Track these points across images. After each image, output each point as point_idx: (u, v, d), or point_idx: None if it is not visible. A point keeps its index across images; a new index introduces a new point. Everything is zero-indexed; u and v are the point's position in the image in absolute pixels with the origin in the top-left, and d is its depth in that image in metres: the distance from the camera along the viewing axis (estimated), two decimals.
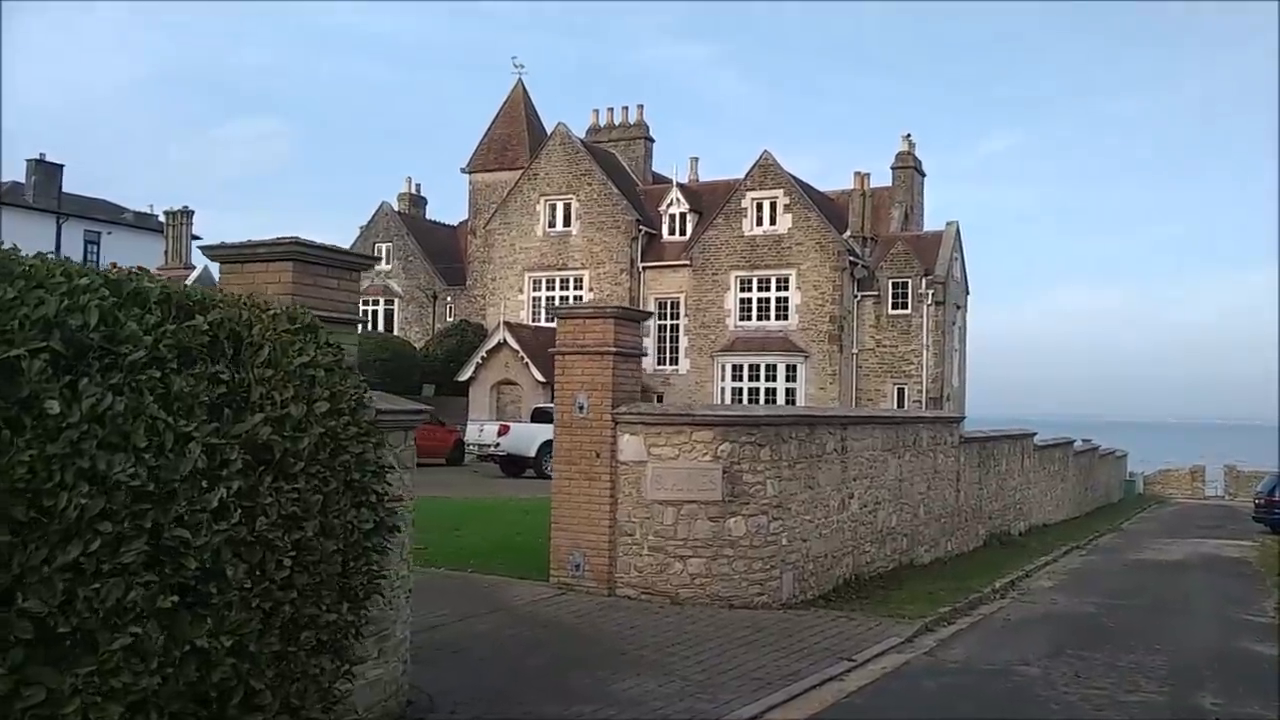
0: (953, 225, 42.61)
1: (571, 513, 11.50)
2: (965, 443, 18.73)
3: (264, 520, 4.36)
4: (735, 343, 41.37)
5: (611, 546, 11.33)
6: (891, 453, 14.95)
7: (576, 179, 43.71)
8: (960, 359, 43.93)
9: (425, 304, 48.49)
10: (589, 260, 43.22)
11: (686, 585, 11.17)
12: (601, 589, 11.29)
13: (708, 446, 11.20)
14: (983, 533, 19.65)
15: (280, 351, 4.66)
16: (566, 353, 11.57)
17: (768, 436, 11.47)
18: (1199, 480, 57.24)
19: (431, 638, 8.96)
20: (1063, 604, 13.73)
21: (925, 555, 16.28)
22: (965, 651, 10.17)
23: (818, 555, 12.47)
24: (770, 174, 41.53)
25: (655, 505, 11.23)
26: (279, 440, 4.44)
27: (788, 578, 11.71)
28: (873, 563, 14.24)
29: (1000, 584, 14.67)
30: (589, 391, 11.40)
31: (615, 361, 11.32)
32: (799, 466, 12.03)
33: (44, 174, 52.08)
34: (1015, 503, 22.59)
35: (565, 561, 11.52)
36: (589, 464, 11.40)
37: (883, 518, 14.62)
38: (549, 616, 10.17)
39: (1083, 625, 12.14)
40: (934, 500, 16.77)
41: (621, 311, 11.61)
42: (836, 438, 13.12)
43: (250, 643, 4.32)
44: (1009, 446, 22.22)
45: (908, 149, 45.09)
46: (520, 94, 50.51)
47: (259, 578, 4.33)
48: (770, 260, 41.01)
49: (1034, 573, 16.70)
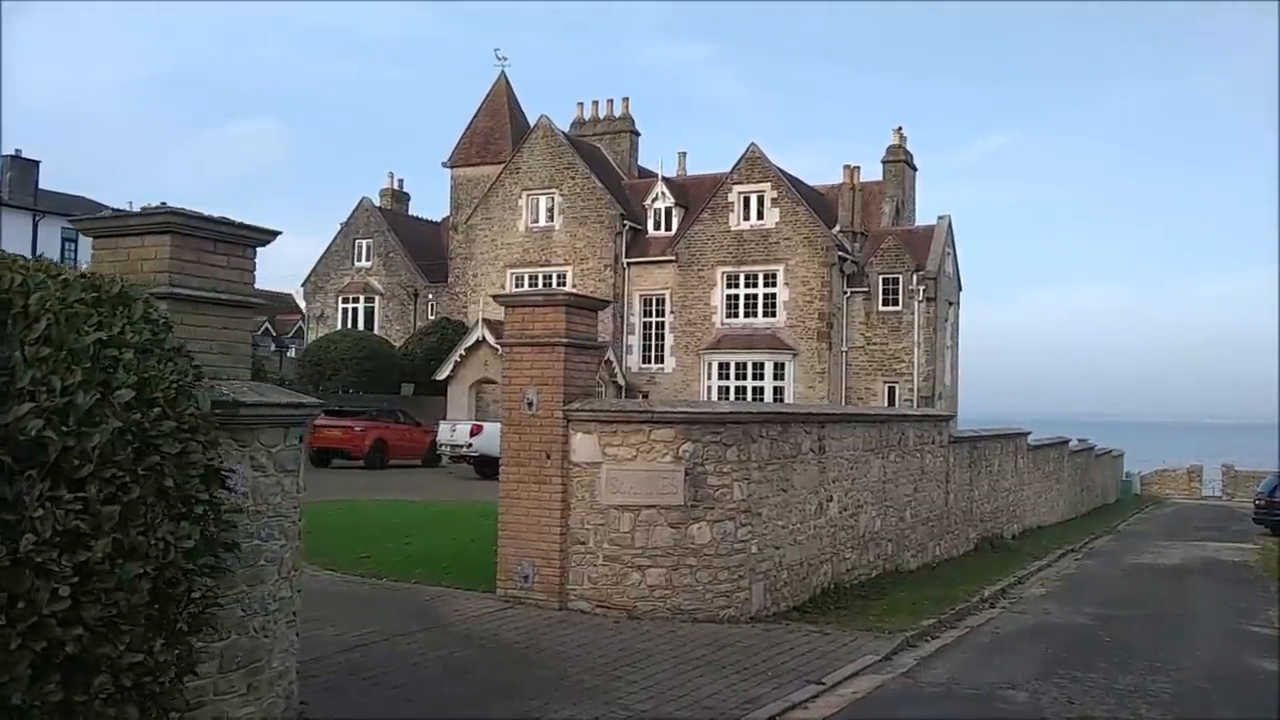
0: (945, 220, 41.67)
1: (520, 519, 10.53)
2: (955, 442, 17.82)
3: (31, 539, 3.42)
4: (722, 340, 40.39)
5: (563, 556, 10.37)
6: (874, 453, 14.02)
7: (559, 173, 42.70)
8: (953, 357, 42.97)
9: (406, 301, 47.47)
10: (572, 256, 42.21)
11: (645, 598, 10.21)
12: (552, 602, 10.32)
13: (668, 446, 10.25)
14: (974, 536, 18.75)
15: (65, 326, 3.70)
16: (514, 344, 10.61)
17: (735, 435, 10.52)
18: (1196, 480, 56.43)
19: (348, 660, 8.01)
20: (1055, 614, 12.81)
21: (912, 561, 15.37)
22: (947, 672, 9.22)
23: (792, 563, 11.52)
24: (758, 167, 40.54)
25: (611, 511, 10.26)
26: (54, 437, 3.49)
27: (757, 588, 10.76)
28: (854, 570, 13.31)
29: (989, 592, 13.80)
30: (538, 386, 10.43)
31: (567, 353, 10.36)
32: (771, 468, 11.09)
33: (20, 170, 50.90)
34: (1008, 505, 21.71)
35: (513, 572, 10.55)
36: (538, 466, 10.43)
37: (865, 522, 13.70)
38: (487, 634, 9.20)
39: (1077, 639, 11.20)
40: (921, 503, 15.86)
41: (574, 299, 10.64)
42: (813, 437, 12.18)
43: (14, 693, 3.39)
44: (1001, 446, 21.33)
45: (899, 142, 44.10)
46: (503, 87, 49.47)
47: (24, 610, 3.40)
48: (757, 255, 40.01)
49: (1026, 579, 15.85)
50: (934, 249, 39.97)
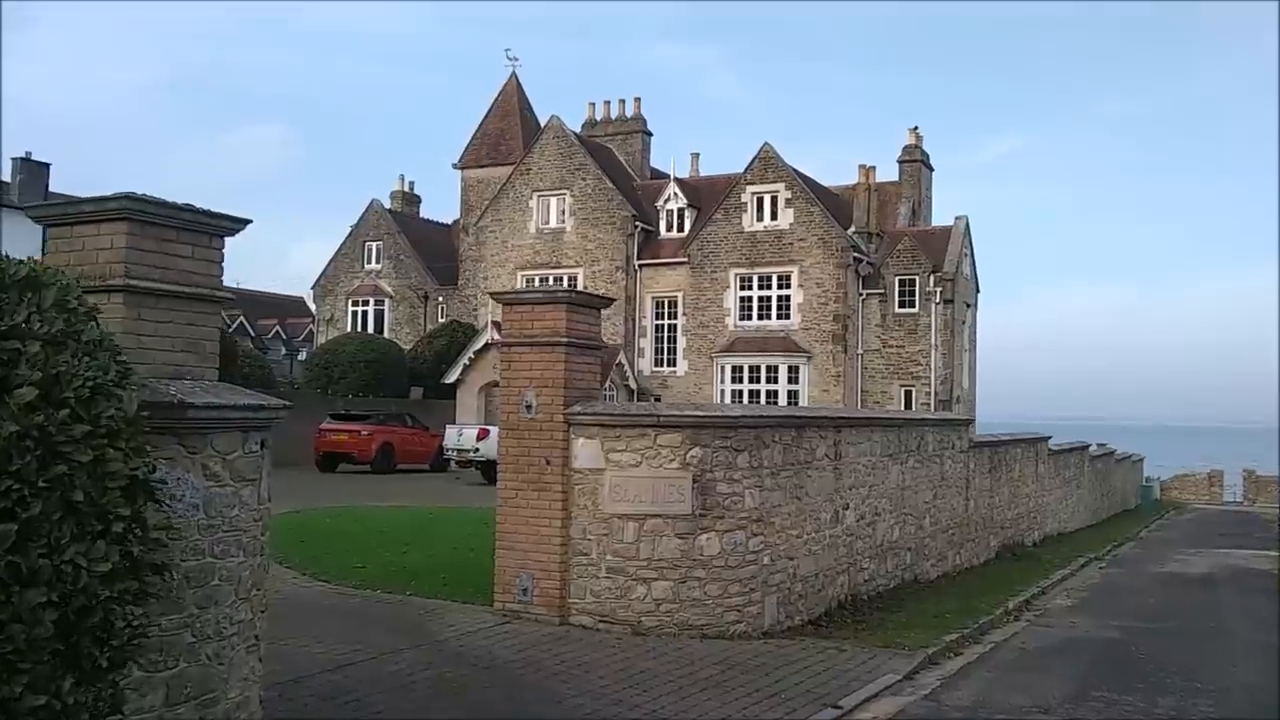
0: (962, 220, 40.95)
1: (518, 528, 9.96)
2: (975, 447, 17.18)
3: None
4: (735, 343, 39.77)
5: (564, 568, 9.79)
6: (893, 458, 13.42)
7: (570, 174, 42.17)
8: (970, 360, 42.26)
9: (417, 304, 46.99)
10: (583, 258, 41.66)
11: (651, 612, 9.63)
12: (552, 617, 9.75)
13: (675, 451, 9.67)
14: (994, 544, 18.11)
15: None
16: (513, 344, 10.05)
17: (746, 440, 9.93)
18: (1217, 485, 55.68)
19: (329, 683, 7.45)
20: (1084, 628, 12.17)
21: (931, 570, 14.75)
22: (972, 693, 8.61)
23: (806, 575, 10.93)
24: (771, 167, 39.92)
25: (614, 520, 9.69)
26: None
27: (770, 602, 10.17)
28: (872, 581, 12.71)
29: (1014, 604, 13.17)
30: (538, 389, 9.86)
31: (569, 354, 9.79)
32: (784, 474, 10.50)
33: (30, 173, 50.58)
34: (1029, 511, 21.05)
35: (511, 585, 9.98)
36: (538, 472, 9.86)
37: (883, 531, 13.09)
38: (481, 652, 8.63)
39: (1109, 656, 10.58)
40: (941, 510, 15.24)
41: (576, 296, 10.07)
42: (829, 441, 11.58)
43: None
44: (1022, 451, 20.68)
45: (915, 142, 43.44)
46: (514, 87, 48.98)
47: None
48: (771, 257, 39.39)
49: (1050, 589, 15.21)
50: (951, 250, 39.29)
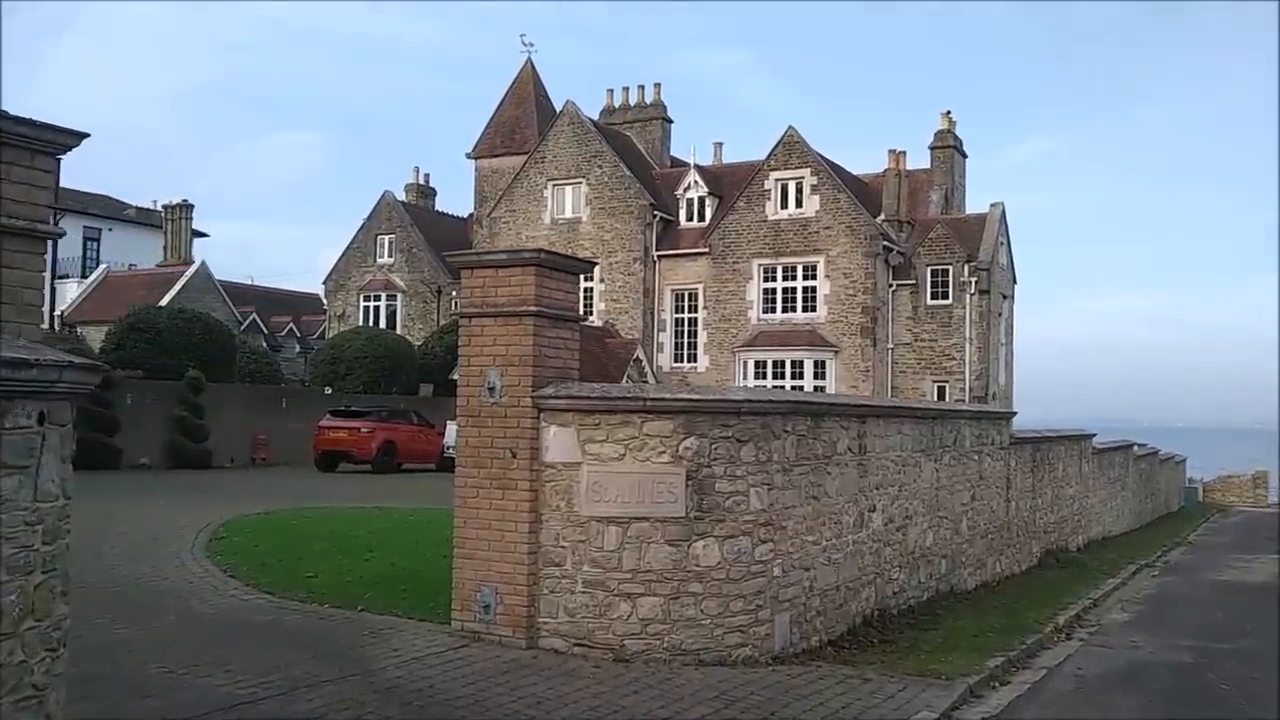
0: (998, 206, 39.00)
1: (478, 534, 8.38)
2: (1016, 444, 15.50)
3: None
4: (758, 337, 38.06)
5: (532, 581, 8.21)
6: (926, 454, 11.79)
7: (586, 161, 40.61)
8: (1007, 354, 40.35)
9: (429, 299, 45.57)
10: (600, 249, 40.05)
11: (636, 634, 8.04)
12: (518, 639, 8.17)
13: (665, 442, 8.08)
14: (1036, 550, 16.45)
15: None
16: (472, 315, 8.47)
17: (752, 430, 8.33)
18: (1261, 487, 53.53)
19: None
20: (1148, 649, 10.51)
21: (969, 579, 13.14)
22: None
23: (825, 588, 9.33)
24: (796, 152, 38.18)
25: (593, 524, 8.11)
26: None
27: (781, 620, 8.56)
28: (902, 593, 11.10)
29: (1064, 619, 11.60)
30: (503, 367, 8.29)
31: (538, 326, 8.21)
32: (798, 471, 8.90)
33: None
34: (1073, 514, 19.37)
35: (471, 600, 8.40)
36: (502, 467, 8.28)
37: (915, 536, 11.47)
38: (422, 686, 7.05)
39: (1184, 686, 8.95)
40: (979, 512, 13.60)
41: (547, 258, 8.47)
42: (852, 433, 9.97)
43: None
44: (1066, 449, 19.00)
45: (947, 127, 41.56)
46: (529, 74, 47.46)
47: None
48: (796, 246, 37.64)
49: (1102, 601, 13.61)
50: (986, 238, 37.43)
